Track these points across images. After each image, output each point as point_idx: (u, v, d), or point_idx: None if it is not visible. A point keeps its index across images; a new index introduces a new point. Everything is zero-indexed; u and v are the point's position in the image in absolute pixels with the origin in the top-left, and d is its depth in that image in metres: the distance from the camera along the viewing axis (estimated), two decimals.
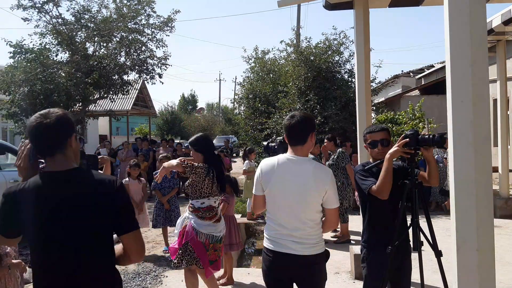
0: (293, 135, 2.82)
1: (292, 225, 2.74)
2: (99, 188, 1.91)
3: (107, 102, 19.41)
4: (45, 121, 1.90)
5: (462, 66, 2.27)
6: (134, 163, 7.23)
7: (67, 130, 1.96)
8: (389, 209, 3.08)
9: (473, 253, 2.24)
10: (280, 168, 2.79)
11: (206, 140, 4.31)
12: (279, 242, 2.76)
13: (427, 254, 3.05)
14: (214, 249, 4.18)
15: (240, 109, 18.26)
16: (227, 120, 40.05)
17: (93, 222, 1.87)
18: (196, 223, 4.12)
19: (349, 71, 13.47)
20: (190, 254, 4.11)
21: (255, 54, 17.15)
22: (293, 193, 2.73)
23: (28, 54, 15.37)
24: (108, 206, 1.88)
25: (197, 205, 4.14)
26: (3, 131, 20.62)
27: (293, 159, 2.79)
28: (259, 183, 2.87)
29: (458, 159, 2.29)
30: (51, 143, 1.92)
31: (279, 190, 2.78)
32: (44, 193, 1.86)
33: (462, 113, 2.26)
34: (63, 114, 1.96)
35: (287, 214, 2.76)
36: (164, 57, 17.85)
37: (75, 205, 1.86)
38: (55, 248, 1.86)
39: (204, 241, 4.11)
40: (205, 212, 4.13)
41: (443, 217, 8.80)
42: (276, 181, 2.78)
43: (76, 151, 2.02)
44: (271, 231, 2.84)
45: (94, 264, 1.90)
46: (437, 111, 13.41)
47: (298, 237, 2.73)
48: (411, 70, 23.25)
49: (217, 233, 4.20)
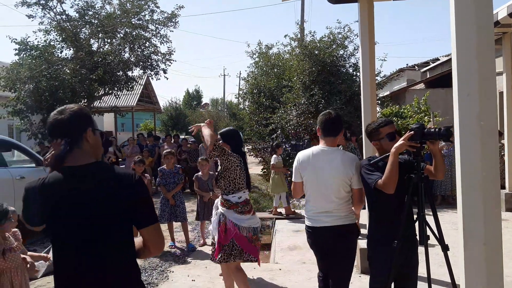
0: (328, 128, 3.42)
1: (325, 204, 3.34)
2: (117, 182, 1.91)
3: (112, 98, 19.45)
4: (59, 117, 1.96)
5: (468, 58, 2.24)
6: (138, 159, 7.24)
7: (81, 125, 1.98)
8: (395, 203, 3.06)
9: (480, 247, 2.22)
10: (315, 157, 3.41)
11: (236, 134, 4.44)
12: (315, 218, 3.39)
13: (433, 248, 3.04)
14: (257, 240, 4.29)
15: (244, 104, 18.28)
16: (232, 115, 39.99)
17: (111, 216, 1.87)
18: (236, 218, 4.13)
19: (354, 65, 13.41)
20: (236, 249, 4.14)
21: (259, 49, 17.11)
22: (325, 177, 3.32)
23: (33, 51, 15.40)
24: (127, 200, 1.88)
25: (234, 200, 4.15)
26: (9, 128, 20.72)
27: (325, 149, 3.40)
28: (298, 171, 3.50)
29: (465, 153, 2.27)
30: (69, 136, 1.96)
31: (314, 176, 3.38)
32: (62, 188, 1.88)
33: (469, 106, 2.24)
34: (77, 110, 1.99)
35: (321, 195, 3.36)
36: (169, 52, 17.84)
37: (92, 199, 1.86)
38: (74, 241, 1.87)
39: (247, 235, 4.16)
40: (244, 206, 4.17)
41: (449, 211, 8.77)
42: (311, 168, 3.40)
43: (95, 146, 2.02)
44: (309, 211, 3.47)
45: (114, 258, 1.90)
46: (442, 104, 13.32)
47: (330, 212, 3.32)
48: (416, 64, 23.10)
49: (256, 224, 4.28)
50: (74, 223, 1.86)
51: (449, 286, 3.01)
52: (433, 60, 21.61)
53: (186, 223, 7.01)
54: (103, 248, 1.88)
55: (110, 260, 1.89)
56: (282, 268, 5.73)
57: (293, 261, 6.05)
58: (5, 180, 6.96)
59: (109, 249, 1.89)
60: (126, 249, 1.94)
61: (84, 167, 1.92)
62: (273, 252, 7.06)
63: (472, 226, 2.26)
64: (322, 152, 3.39)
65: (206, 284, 5.17)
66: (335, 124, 3.41)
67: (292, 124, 11.93)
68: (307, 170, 3.42)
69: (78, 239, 1.87)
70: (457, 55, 2.29)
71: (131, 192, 1.90)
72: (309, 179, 3.42)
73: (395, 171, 2.92)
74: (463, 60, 2.26)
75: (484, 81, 2.21)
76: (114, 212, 1.87)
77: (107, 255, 1.88)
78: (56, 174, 1.93)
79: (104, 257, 1.88)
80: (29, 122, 15.86)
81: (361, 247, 5.37)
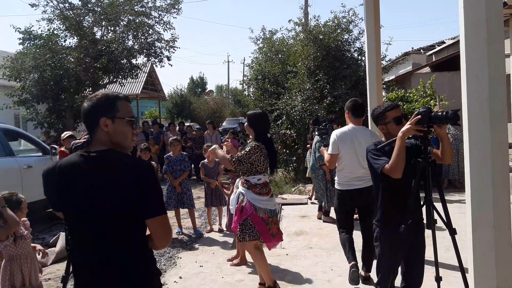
0: (356, 110, 4.46)
1: (357, 170, 4.36)
2: (126, 168, 1.90)
3: (116, 86, 19.46)
4: (83, 105, 2.01)
5: (477, 40, 2.21)
6: (144, 147, 7.26)
7: (96, 113, 1.96)
8: (402, 188, 3.05)
9: (490, 230, 2.22)
10: (352, 133, 4.39)
11: (261, 117, 4.41)
12: (348, 183, 4.42)
13: (440, 232, 3.03)
14: (273, 222, 4.33)
15: (249, 90, 18.16)
16: (237, 102, 39.90)
17: (120, 203, 1.86)
18: (254, 199, 4.23)
19: (359, 50, 13.27)
20: (251, 229, 4.23)
21: (263, 34, 16.97)
22: (358, 148, 4.30)
23: (37, 40, 15.40)
24: (134, 187, 1.84)
25: (254, 181, 4.24)
26: (15, 118, 20.81)
27: (356, 127, 4.45)
28: (336, 144, 4.40)
29: (473, 137, 2.25)
30: (86, 125, 2.01)
31: (350, 148, 4.34)
32: (70, 171, 1.90)
33: (477, 89, 2.21)
34: (97, 97, 2.00)
35: (354, 162, 4.35)
36: (172, 39, 17.77)
37: (101, 185, 1.86)
38: (86, 226, 1.88)
39: (263, 216, 4.23)
40: (262, 188, 4.25)
41: (456, 195, 8.75)
42: (350, 141, 4.35)
43: (115, 134, 1.97)
44: (342, 178, 4.47)
45: (121, 244, 1.89)
46: (448, 88, 13.19)
47: (361, 177, 4.33)
48: (422, 47, 22.85)
49: (273, 206, 4.34)
50: (82, 207, 1.87)
51: (457, 269, 3.01)
52: (438, 43, 21.37)
53: (193, 210, 7.04)
54: (111, 233, 1.87)
55: (117, 245, 1.89)
56: (289, 253, 5.76)
57: (300, 246, 6.08)
58: (12, 170, 7.00)
59: (116, 235, 1.88)
60: (134, 235, 1.92)
61: (94, 153, 1.92)
62: None
63: (481, 209, 2.25)
64: (356, 129, 4.43)
65: (213, 270, 5.21)
66: (362, 108, 4.49)
67: (297, 110, 11.86)
68: (346, 143, 4.35)
69: (87, 223, 1.88)
70: (466, 36, 2.26)
71: (138, 179, 1.86)
72: (348, 150, 4.35)
73: (402, 156, 2.90)
74: (472, 41, 2.23)
75: (494, 63, 2.18)
76: (122, 199, 1.86)
77: (114, 240, 1.88)
78: (68, 158, 1.96)
79: (113, 242, 1.88)
80: (35, 112, 15.91)
81: None
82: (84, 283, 1.94)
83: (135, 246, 1.94)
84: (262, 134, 4.32)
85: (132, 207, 1.87)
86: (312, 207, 7.58)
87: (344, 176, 4.42)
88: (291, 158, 12.72)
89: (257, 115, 4.39)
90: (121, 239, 1.89)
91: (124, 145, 2.02)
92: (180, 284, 4.81)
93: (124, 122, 2.00)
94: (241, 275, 5.01)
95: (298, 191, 10.25)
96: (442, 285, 3.10)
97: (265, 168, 4.28)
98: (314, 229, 6.95)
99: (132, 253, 1.92)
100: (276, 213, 4.42)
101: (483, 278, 2.28)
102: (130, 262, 1.90)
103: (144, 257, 1.97)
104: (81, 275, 1.95)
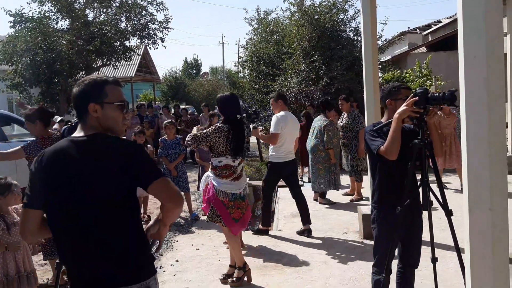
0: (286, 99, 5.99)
1: (291, 146, 5.75)
2: (114, 148, 1.89)
3: (110, 69, 19.26)
4: (73, 89, 2.00)
5: (475, 19, 2.16)
6: (138, 130, 7.21)
7: (85, 98, 1.94)
8: (399, 169, 3.03)
9: (486, 213, 2.20)
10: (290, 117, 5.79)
11: (228, 100, 4.33)
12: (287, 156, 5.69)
13: (435, 212, 3.03)
14: (236, 207, 4.26)
15: (244, 72, 18.05)
16: (232, 84, 39.63)
17: (113, 188, 1.85)
18: (215, 181, 4.23)
19: (355, 30, 13.16)
20: (212, 211, 4.25)
21: (258, 15, 16.80)
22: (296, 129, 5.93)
23: (28, 23, 15.16)
24: (125, 163, 1.84)
25: (215, 163, 4.23)
26: (8, 102, 20.61)
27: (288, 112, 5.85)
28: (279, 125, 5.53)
29: (471, 117, 2.21)
30: (76, 110, 1.98)
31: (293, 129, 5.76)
32: (60, 158, 1.87)
33: (475, 69, 2.17)
34: (85, 82, 1.97)
35: (291, 141, 5.73)
36: (165, 20, 17.55)
37: (93, 171, 1.83)
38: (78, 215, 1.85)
39: (223, 199, 4.20)
40: (222, 170, 4.20)
41: (451, 175, 8.78)
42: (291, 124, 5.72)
43: (105, 119, 1.95)
44: (282, 152, 5.67)
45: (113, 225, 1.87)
46: (444, 68, 13.13)
47: (292, 152, 5.80)
48: (418, 27, 22.71)
49: (236, 190, 4.25)
50: (74, 193, 1.83)
51: (452, 249, 3.01)
52: (435, 22, 21.23)
53: (188, 193, 7.03)
54: (103, 222, 1.85)
55: (111, 234, 1.86)
56: (285, 235, 5.78)
57: (296, 228, 6.09)
58: None
59: (109, 223, 1.86)
60: (127, 222, 1.91)
61: (82, 137, 1.90)
62: (276, 220, 7.12)
63: (478, 191, 2.23)
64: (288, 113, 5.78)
65: (210, 253, 5.22)
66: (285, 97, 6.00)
67: (293, 91, 11.80)
68: (288, 125, 5.56)
69: (75, 207, 1.84)
70: (464, 15, 2.20)
71: (127, 155, 1.87)
72: (288, 131, 5.56)
73: (398, 137, 2.87)
74: (470, 20, 2.18)
75: (492, 42, 2.13)
76: (113, 183, 1.84)
77: (108, 229, 1.85)
78: (56, 145, 1.93)
79: (104, 224, 1.85)
80: (28, 96, 15.75)
81: (364, 213, 5.39)
82: (75, 273, 1.91)
83: (129, 234, 1.92)
84: (230, 116, 4.24)
85: (126, 185, 1.87)
86: (308, 190, 7.57)
87: (283, 151, 5.65)
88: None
89: (225, 98, 4.34)
90: (115, 227, 1.87)
91: (116, 130, 2.00)
92: (176, 267, 4.81)
93: (113, 107, 1.97)
94: None
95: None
96: (438, 265, 3.11)
97: (227, 151, 4.18)
98: (310, 210, 6.95)
99: (127, 241, 1.89)
100: (242, 197, 4.33)
101: (479, 258, 2.28)
102: (124, 251, 1.88)
103: (138, 245, 1.94)
104: (72, 265, 1.92)
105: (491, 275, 2.24)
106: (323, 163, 7.22)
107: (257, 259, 4.92)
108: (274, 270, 4.60)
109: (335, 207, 7.14)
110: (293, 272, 4.52)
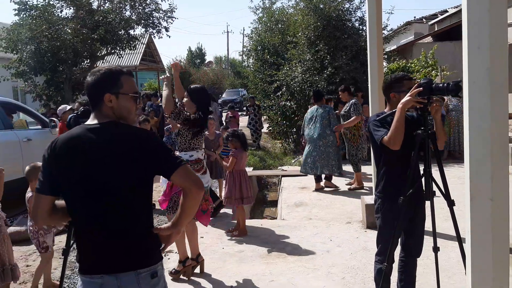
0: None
1: None
2: (132, 136, 1.92)
3: (115, 58, 19.29)
4: (87, 78, 1.99)
5: (479, 9, 2.15)
6: (143, 119, 7.22)
7: (100, 88, 1.95)
8: (402, 159, 3.04)
9: (487, 202, 2.22)
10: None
11: (202, 93, 4.37)
12: None
13: (438, 202, 3.04)
14: (204, 199, 4.33)
15: (249, 61, 17.99)
16: (236, 73, 39.54)
17: (125, 169, 1.87)
18: None
19: (360, 19, 13.04)
20: (178, 204, 4.22)
21: (263, 4, 16.70)
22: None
23: (33, 11, 15.14)
24: (144, 153, 1.88)
25: (186, 157, 4.21)
26: (13, 90, 20.67)
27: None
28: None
29: (473, 108, 2.22)
30: (90, 99, 1.99)
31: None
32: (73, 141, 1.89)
33: (479, 59, 2.17)
34: (101, 72, 1.97)
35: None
36: (170, 9, 17.50)
37: (110, 157, 1.86)
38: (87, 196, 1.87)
39: None
40: (194, 165, 4.23)
41: (455, 165, 8.78)
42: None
43: (119, 110, 1.97)
44: None
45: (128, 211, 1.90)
46: (450, 58, 13.05)
47: None
48: (424, 16, 22.54)
49: (205, 184, 4.30)
50: (85, 174, 1.86)
51: (454, 239, 3.04)
52: (441, 12, 21.06)
53: None
54: (116, 203, 1.87)
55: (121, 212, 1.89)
56: (289, 224, 5.81)
57: (300, 217, 6.14)
58: (12, 143, 6.99)
59: (123, 204, 1.88)
60: (139, 202, 1.94)
61: (96, 125, 1.93)
62: (280, 209, 7.16)
63: (479, 181, 2.25)
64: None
65: (214, 241, 5.27)
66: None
67: (297, 81, 11.77)
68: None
69: (89, 194, 1.87)
70: (468, 5, 2.20)
71: (147, 144, 1.90)
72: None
73: (401, 128, 2.88)
74: (474, 10, 2.17)
75: (496, 33, 2.13)
76: (126, 164, 1.86)
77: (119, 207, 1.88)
78: (71, 131, 1.96)
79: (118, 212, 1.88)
80: (33, 84, 15.80)
81: (367, 203, 5.42)
82: (89, 257, 1.94)
83: (141, 220, 1.95)
84: (202, 109, 4.27)
85: (141, 177, 1.89)
86: (312, 179, 7.61)
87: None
88: (291, 130, 12.71)
89: (196, 89, 4.35)
90: (127, 213, 1.89)
91: (128, 119, 2.03)
92: None
93: (128, 98, 2.00)
94: (241, 246, 5.07)
95: (298, 162, 10.27)
96: (440, 255, 3.14)
97: (198, 145, 4.27)
98: (314, 200, 7.01)
99: (138, 227, 1.93)
100: (209, 190, 4.47)
101: (480, 248, 2.30)
102: (134, 236, 1.91)
103: (148, 231, 1.98)
104: (86, 249, 1.95)
105: (491, 264, 2.27)
106: (332, 146, 7.38)
107: (261, 248, 4.97)
108: (277, 259, 4.64)
109: (339, 195, 7.17)
110: (296, 261, 4.56)
